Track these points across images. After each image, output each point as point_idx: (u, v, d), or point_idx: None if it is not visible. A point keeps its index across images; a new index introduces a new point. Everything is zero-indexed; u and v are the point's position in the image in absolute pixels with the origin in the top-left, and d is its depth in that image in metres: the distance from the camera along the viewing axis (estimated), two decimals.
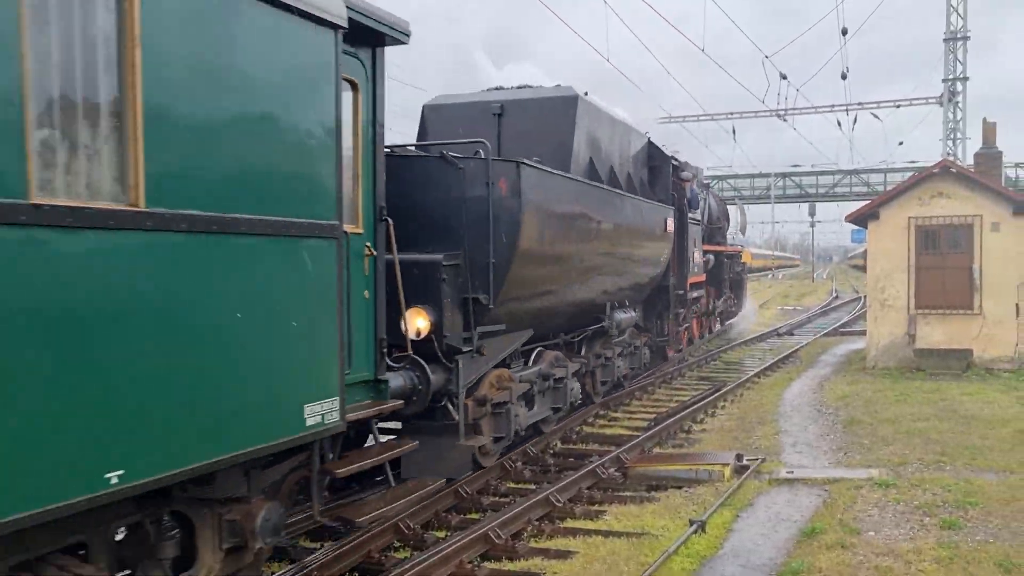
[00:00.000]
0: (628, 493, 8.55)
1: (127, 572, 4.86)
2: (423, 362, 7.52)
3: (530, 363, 10.05)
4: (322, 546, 6.93)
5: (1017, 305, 15.49)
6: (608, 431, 11.77)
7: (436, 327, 7.77)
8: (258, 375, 4.84)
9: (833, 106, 39.40)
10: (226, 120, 4.59)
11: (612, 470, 9.07)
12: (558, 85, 11.39)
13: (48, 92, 3.70)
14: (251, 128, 4.78)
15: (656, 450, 10.32)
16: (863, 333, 19.72)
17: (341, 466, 6.01)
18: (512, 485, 9.01)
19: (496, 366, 8.90)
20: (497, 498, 8.52)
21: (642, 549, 6.60)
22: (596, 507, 8.09)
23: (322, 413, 5.37)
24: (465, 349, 8.12)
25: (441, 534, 7.38)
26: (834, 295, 47.36)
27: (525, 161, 8.49)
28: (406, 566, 6.12)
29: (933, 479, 8.41)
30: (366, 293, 6.38)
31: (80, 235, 3.76)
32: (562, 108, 10.76)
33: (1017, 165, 44.84)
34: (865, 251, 20.47)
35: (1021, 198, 16.31)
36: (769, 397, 13.80)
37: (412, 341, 7.45)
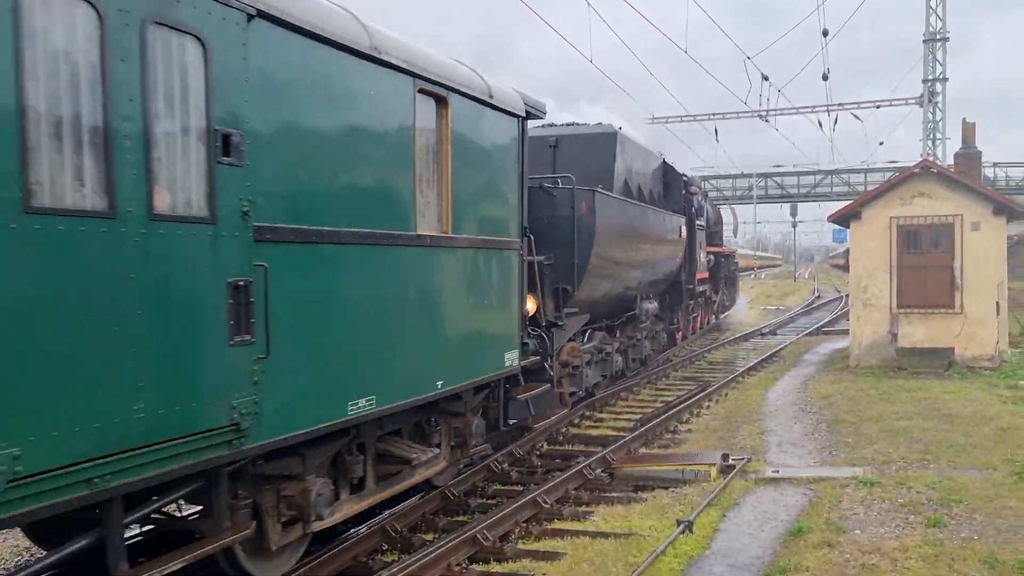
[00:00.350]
0: (615, 494, 8.56)
1: None
2: (543, 332, 10.38)
3: (586, 340, 12.90)
4: (309, 550, 6.88)
5: (997, 304, 15.63)
6: (594, 432, 11.78)
7: (540, 307, 10.39)
8: (489, 329, 8.10)
9: (814, 107, 39.73)
10: (479, 182, 7.87)
11: (599, 471, 9.08)
12: (600, 123, 14.59)
13: (419, 178, 6.77)
14: (488, 184, 8.07)
15: (642, 450, 10.33)
16: (845, 332, 19.85)
17: (519, 393, 9.40)
18: (499, 487, 9.00)
19: (568, 340, 11.76)
20: (484, 500, 8.51)
21: (630, 549, 6.60)
22: (583, 508, 8.09)
23: (511, 359, 8.57)
24: (559, 324, 11.00)
25: (428, 536, 7.36)
26: (816, 295, 47.64)
27: (599, 189, 11.71)
28: (394, 569, 6.08)
29: (917, 477, 8.47)
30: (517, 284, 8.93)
31: (429, 249, 6.91)
32: (604, 141, 13.86)
33: (996, 165, 45.26)
34: (846, 251, 20.64)
35: (1001, 198, 16.48)
36: (754, 396, 13.85)
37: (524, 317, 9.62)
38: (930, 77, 34.65)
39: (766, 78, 29.46)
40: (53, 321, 3.90)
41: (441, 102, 7.07)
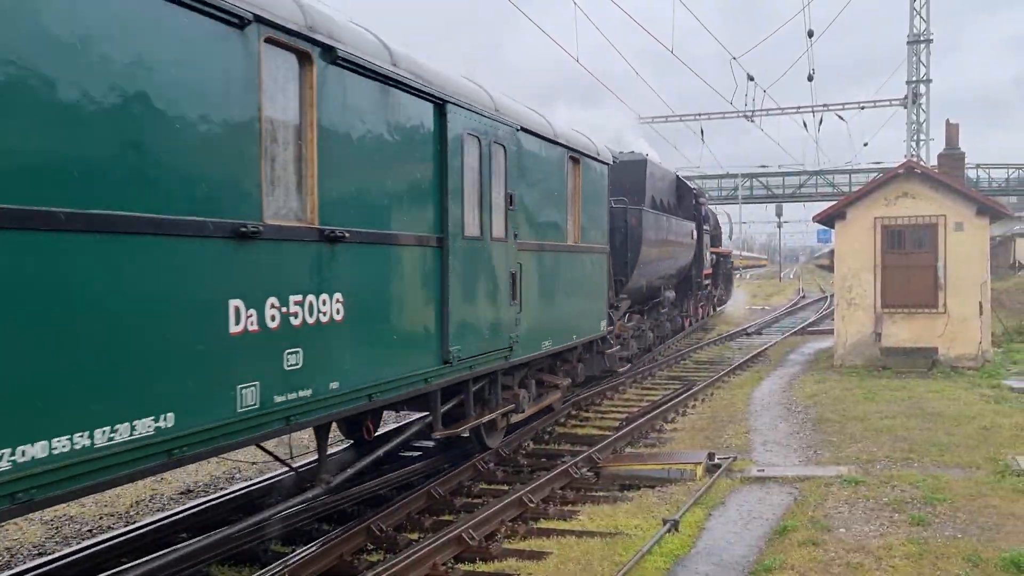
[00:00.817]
0: (601, 493, 8.55)
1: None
2: (610, 310, 13.53)
3: (628, 320, 16.43)
4: (294, 550, 6.85)
5: (980, 303, 15.75)
6: (580, 431, 11.78)
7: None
8: (593, 304, 11.98)
9: (799, 107, 39.81)
10: (591, 208, 11.75)
11: (585, 470, 9.07)
12: (632, 151, 19.20)
13: (568, 209, 10.99)
14: (594, 210, 11.93)
15: (628, 450, 10.33)
16: (830, 332, 19.94)
17: (606, 349, 12.92)
18: (485, 486, 8.98)
19: (618, 319, 15.17)
20: (470, 499, 8.48)
21: (616, 549, 6.59)
22: (569, 507, 8.08)
23: (603, 325, 12.47)
24: (617, 306, 14.74)
25: (414, 536, 7.33)
26: (801, 294, 47.87)
27: (644, 208, 16.43)
28: (379, 569, 6.05)
29: (901, 476, 8.51)
30: None
31: (571, 253, 11.07)
32: (637, 167, 18.01)
33: (979, 166, 45.60)
34: (831, 251, 20.78)
35: (984, 198, 16.60)
36: (739, 396, 13.89)
37: None
38: (914, 78, 34.82)
39: (752, 79, 29.56)
40: (466, 284, 7.94)
41: (577, 162, 11.20)
